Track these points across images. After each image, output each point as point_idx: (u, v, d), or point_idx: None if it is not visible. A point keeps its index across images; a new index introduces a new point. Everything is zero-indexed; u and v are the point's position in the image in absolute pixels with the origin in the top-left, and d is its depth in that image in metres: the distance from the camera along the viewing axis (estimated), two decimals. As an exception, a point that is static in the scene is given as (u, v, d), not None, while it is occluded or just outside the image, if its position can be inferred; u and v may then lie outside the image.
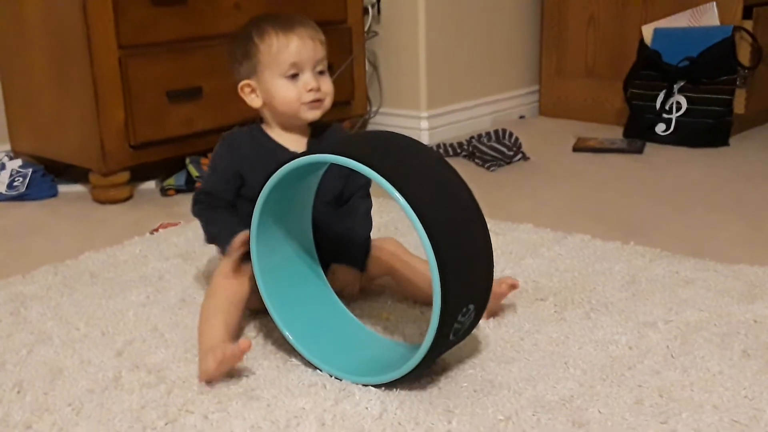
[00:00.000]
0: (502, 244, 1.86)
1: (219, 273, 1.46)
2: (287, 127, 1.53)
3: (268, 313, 1.36)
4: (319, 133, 1.55)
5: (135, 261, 1.83)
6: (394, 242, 1.60)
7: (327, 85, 1.51)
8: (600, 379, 1.26)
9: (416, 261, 1.55)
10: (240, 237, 1.42)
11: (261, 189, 1.33)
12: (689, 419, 1.14)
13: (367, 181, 1.60)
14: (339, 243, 1.55)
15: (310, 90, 1.48)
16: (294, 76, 1.48)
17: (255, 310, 1.49)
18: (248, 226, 1.41)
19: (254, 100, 1.52)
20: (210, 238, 1.54)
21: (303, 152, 1.29)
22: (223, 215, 1.52)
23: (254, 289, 1.47)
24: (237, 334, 1.40)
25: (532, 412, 1.17)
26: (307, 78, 1.48)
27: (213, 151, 1.57)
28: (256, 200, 1.44)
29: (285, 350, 1.38)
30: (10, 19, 2.46)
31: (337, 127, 1.61)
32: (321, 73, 1.51)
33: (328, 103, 1.52)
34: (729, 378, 1.25)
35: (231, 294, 1.42)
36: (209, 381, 1.28)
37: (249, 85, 1.51)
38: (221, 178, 1.52)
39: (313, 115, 1.51)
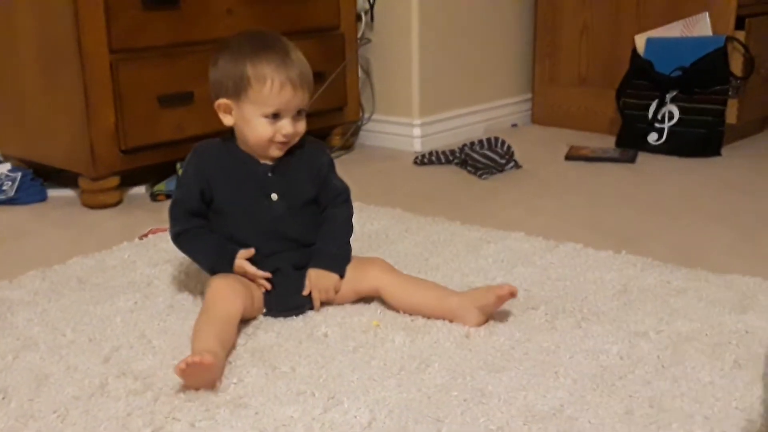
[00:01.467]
0: (494, 253, 1.85)
1: (214, 289, 1.46)
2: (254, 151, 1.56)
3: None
4: (293, 149, 1.56)
5: (123, 266, 1.82)
6: (381, 262, 1.60)
7: (301, 127, 1.54)
8: (591, 389, 1.25)
9: (404, 279, 1.56)
10: (241, 259, 1.51)
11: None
12: (680, 430, 1.13)
13: (345, 188, 1.63)
14: (317, 249, 1.57)
15: (285, 134, 1.51)
16: (274, 117, 1.50)
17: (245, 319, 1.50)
18: (223, 240, 1.53)
19: (227, 119, 1.54)
20: (210, 268, 1.56)
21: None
22: (207, 240, 1.55)
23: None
24: (230, 348, 1.39)
25: (523, 421, 1.16)
26: (285, 123, 1.50)
27: (184, 162, 1.58)
28: (227, 213, 1.53)
29: (273, 358, 1.37)
30: (0, 22, 2.44)
31: (311, 141, 1.61)
32: (299, 112, 1.52)
33: (294, 141, 1.55)
34: (720, 389, 1.24)
35: (225, 310, 1.42)
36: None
37: (227, 105, 1.52)
38: (191, 189, 1.54)
39: (278, 154, 1.54)
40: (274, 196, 1.55)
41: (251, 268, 1.52)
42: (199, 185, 1.53)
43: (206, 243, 1.55)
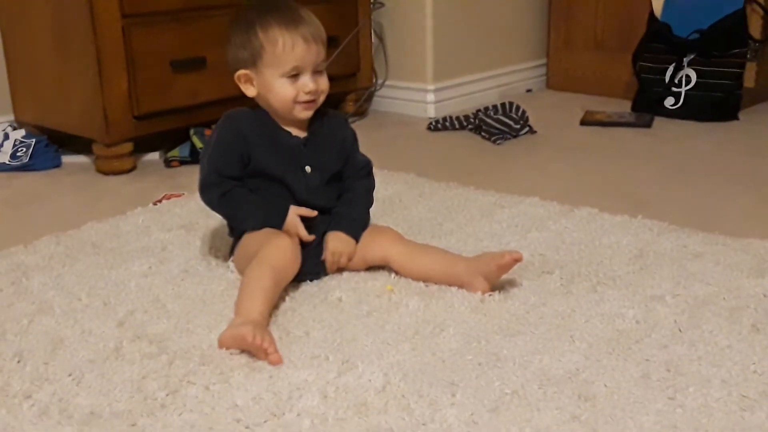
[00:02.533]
0: (509, 217, 1.84)
1: (276, 246, 1.44)
2: (281, 119, 1.55)
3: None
4: (318, 117, 1.57)
5: (138, 232, 1.82)
6: (391, 231, 1.60)
7: (324, 84, 1.53)
8: (606, 353, 1.24)
9: (412, 248, 1.55)
10: (296, 216, 1.50)
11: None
12: (697, 393, 1.13)
13: (368, 162, 1.64)
14: (336, 212, 1.58)
15: (308, 92, 1.50)
16: (294, 76, 1.49)
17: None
18: (264, 202, 1.51)
19: (250, 90, 1.54)
20: (258, 224, 1.52)
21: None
22: (253, 197, 1.53)
23: None
24: (272, 310, 1.39)
25: (538, 385, 1.16)
26: (306, 80, 1.50)
27: (214, 129, 1.57)
28: (263, 180, 1.52)
29: (287, 322, 1.37)
30: (12, -12, 2.43)
31: (334, 114, 1.63)
32: (319, 71, 1.52)
33: (320, 101, 1.54)
34: (738, 352, 1.24)
35: (280, 272, 1.42)
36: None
37: (247, 75, 1.52)
38: (229, 155, 1.52)
39: (306, 114, 1.53)
40: (308, 169, 1.55)
41: (303, 231, 1.51)
42: (239, 150, 1.52)
43: (253, 199, 1.54)
